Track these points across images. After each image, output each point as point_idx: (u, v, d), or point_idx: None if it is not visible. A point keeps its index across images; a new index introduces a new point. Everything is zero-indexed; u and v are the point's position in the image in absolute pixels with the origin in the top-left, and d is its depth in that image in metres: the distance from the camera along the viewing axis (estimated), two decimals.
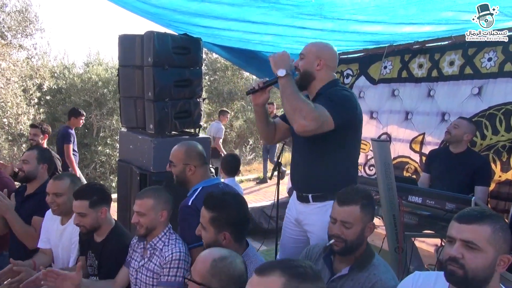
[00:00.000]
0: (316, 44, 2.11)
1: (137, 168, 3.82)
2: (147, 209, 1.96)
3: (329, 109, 1.86)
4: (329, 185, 2.07)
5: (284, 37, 3.74)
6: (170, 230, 2.06)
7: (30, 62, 6.68)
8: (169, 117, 3.76)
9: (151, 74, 3.63)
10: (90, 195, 2.14)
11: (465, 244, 1.24)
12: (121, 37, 4.05)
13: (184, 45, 3.79)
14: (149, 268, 1.97)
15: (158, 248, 1.98)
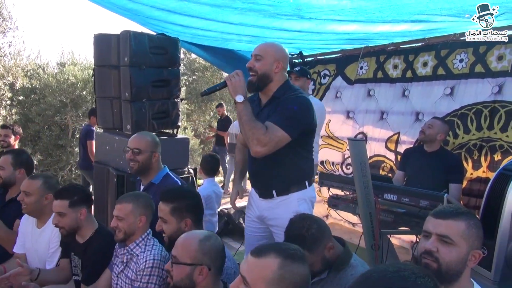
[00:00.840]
0: (272, 45, 2.13)
1: (114, 170, 3.77)
2: (126, 213, 1.95)
3: (283, 126, 1.94)
4: (291, 179, 2.16)
5: (262, 39, 3.75)
6: (148, 235, 2.04)
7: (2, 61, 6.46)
8: (146, 118, 3.72)
9: (128, 74, 3.58)
10: (70, 195, 2.14)
11: (440, 238, 1.29)
12: (97, 36, 3.98)
13: (161, 45, 3.76)
14: (128, 275, 1.97)
15: (135, 254, 1.97)
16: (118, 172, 3.70)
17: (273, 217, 2.20)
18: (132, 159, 2.40)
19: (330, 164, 4.32)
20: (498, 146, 3.11)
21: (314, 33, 3.31)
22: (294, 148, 2.07)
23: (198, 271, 1.44)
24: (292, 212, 2.04)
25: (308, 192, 2.22)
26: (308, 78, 3.28)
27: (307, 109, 2.05)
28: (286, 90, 2.09)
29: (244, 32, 3.50)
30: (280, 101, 2.05)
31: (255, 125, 1.94)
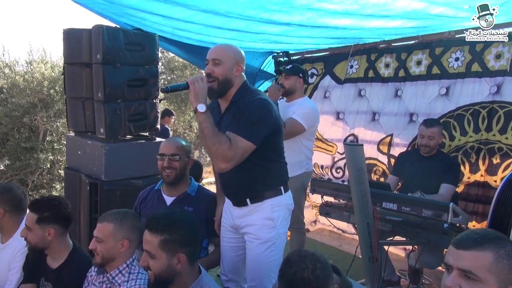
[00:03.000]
0: (230, 47, 1.98)
1: (87, 177, 3.46)
2: (106, 235, 1.70)
3: (245, 135, 1.80)
4: (264, 184, 2.01)
5: (247, 34, 3.49)
6: (133, 262, 1.78)
7: None
8: (122, 120, 3.43)
9: (101, 72, 3.27)
10: (42, 209, 1.90)
11: (463, 273, 1.07)
12: (66, 31, 3.64)
13: (137, 41, 3.47)
14: None
15: (117, 283, 1.72)
16: (91, 179, 3.39)
17: (245, 224, 2.02)
18: (169, 166, 2.15)
19: (319, 167, 4.11)
20: (497, 149, 2.96)
21: (304, 26, 3.07)
22: (262, 153, 1.91)
23: None
24: (265, 218, 1.97)
25: (283, 198, 2.05)
26: (300, 77, 3.05)
27: (267, 110, 1.88)
28: (243, 93, 1.94)
29: (229, 25, 3.23)
30: (238, 106, 1.91)
31: (219, 139, 1.77)
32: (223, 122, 1.95)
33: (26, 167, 7.45)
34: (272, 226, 1.93)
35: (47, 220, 1.89)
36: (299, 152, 2.99)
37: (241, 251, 2.13)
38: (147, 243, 1.52)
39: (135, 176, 3.47)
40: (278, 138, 2.02)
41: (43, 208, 1.91)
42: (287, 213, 2.06)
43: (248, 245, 2.02)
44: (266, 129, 1.86)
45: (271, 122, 1.89)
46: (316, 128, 3.11)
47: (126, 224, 1.74)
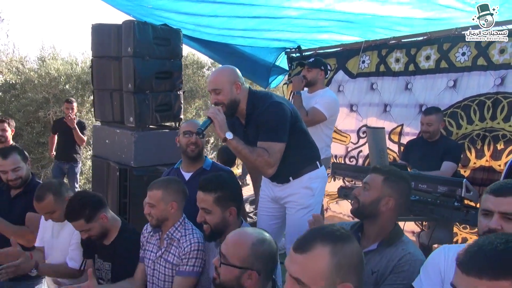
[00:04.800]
0: (221, 72, 2.19)
1: (116, 163, 3.66)
2: (156, 200, 1.92)
3: (275, 138, 2.07)
4: (302, 164, 2.25)
5: (269, 20, 3.69)
6: (184, 220, 2.01)
7: None
8: (149, 110, 3.63)
9: (131, 64, 3.49)
10: (81, 213, 2.02)
11: (504, 216, 1.28)
12: (95, 26, 3.86)
13: (164, 36, 3.68)
14: (168, 259, 1.94)
15: (175, 238, 1.95)
16: (120, 165, 3.60)
17: (287, 194, 2.27)
18: (195, 142, 2.37)
19: (333, 157, 4.35)
20: (501, 136, 3.21)
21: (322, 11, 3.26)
22: (292, 142, 2.15)
23: (247, 275, 1.36)
24: (305, 188, 2.22)
25: (320, 171, 2.32)
26: (322, 69, 3.28)
27: (281, 110, 2.11)
28: (254, 103, 2.16)
29: (252, 14, 3.44)
30: (255, 117, 2.14)
31: (257, 153, 2.04)
32: (249, 132, 2.20)
33: (39, 161, 7.63)
34: (311, 195, 2.18)
35: (93, 214, 2.03)
36: (319, 139, 3.21)
37: (278, 220, 2.40)
38: (203, 201, 1.78)
39: (160, 163, 3.67)
40: (300, 124, 2.26)
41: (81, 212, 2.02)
42: (323, 184, 2.33)
43: (289, 211, 2.28)
44: (288, 125, 2.11)
45: (289, 116, 2.12)
46: (336, 118, 3.33)
47: (172, 189, 1.96)
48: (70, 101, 5.19)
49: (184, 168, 2.47)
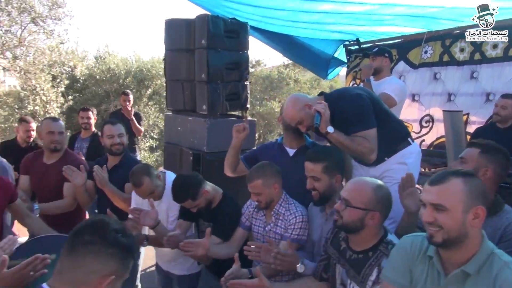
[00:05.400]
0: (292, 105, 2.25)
1: (188, 149, 3.91)
2: (260, 189, 2.10)
3: (366, 126, 2.15)
4: (394, 143, 2.32)
5: (333, 15, 3.82)
6: (286, 195, 2.20)
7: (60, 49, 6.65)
8: (220, 99, 3.85)
9: (205, 56, 3.72)
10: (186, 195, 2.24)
11: (434, 207, 1.26)
12: (168, 21, 4.13)
13: (234, 29, 3.89)
14: (277, 231, 2.16)
15: (281, 213, 2.15)
16: (193, 151, 3.85)
17: (383, 171, 2.34)
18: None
19: None
20: None
21: (387, 5, 3.34)
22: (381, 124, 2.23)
23: (370, 216, 1.55)
24: (399, 163, 2.27)
25: (413, 147, 2.37)
26: (386, 56, 3.37)
27: (361, 100, 2.20)
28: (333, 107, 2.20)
29: (315, 9, 3.58)
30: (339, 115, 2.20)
31: (357, 142, 2.13)
32: None
33: None
34: (406, 169, 2.26)
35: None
36: None
37: None
38: (312, 170, 1.99)
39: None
40: (381, 105, 2.34)
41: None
42: (417, 159, 2.38)
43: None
44: (372, 110, 2.20)
45: (369, 102, 2.21)
46: (402, 105, 3.41)
47: (269, 173, 2.13)
48: (127, 93, 5.44)
49: (287, 144, 2.57)
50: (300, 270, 1.87)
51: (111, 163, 2.89)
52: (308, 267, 1.91)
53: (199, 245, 2.03)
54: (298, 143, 2.53)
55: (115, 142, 2.79)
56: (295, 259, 1.87)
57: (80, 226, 1.12)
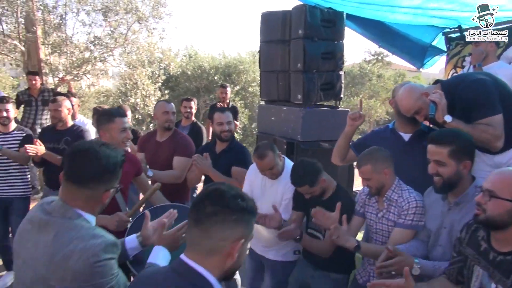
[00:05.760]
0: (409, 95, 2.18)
1: (282, 138, 3.99)
2: (369, 174, 2.06)
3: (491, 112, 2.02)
4: None
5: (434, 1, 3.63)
6: (399, 182, 2.12)
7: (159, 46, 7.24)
8: (316, 88, 3.87)
9: (302, 45, 3.76)
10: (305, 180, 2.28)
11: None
12: (264, 14, 4.25)
13: (330, 18, 3.88)
14: (389, 218, 2.11)
15: (394, 199, 2.09)
16: (287, 140, 3.92)
17: (509, 158, 2.18)
18: None
19: None
20: None
21: None
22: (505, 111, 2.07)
23: None
24: None
25: None
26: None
27: (483, 85, 2.05)
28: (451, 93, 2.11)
29: None
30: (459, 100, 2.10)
31: (480, 130, 2.00)
32: None
33: None
34: None
35: None
36: None
37: None
38: (436, 154, 1.81)
39: (322, 139, 3.88)
40: (506, 89, 2.16)
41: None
42: None
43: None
44: (496, 95, 2.05)
45: (493, 87, 2.06)
46: None
47: (379, 158, 2.07)
48: (225, 86, 5.70)
49: (401, 129, 2.49)
50: (415, 272, 1.72)
51: (219, 148, 3.08)
52: (425, 268, 1.78)
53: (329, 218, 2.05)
54: (412, 128, 2.44)
55: (224, 129, 2.97)
56: (408, 261, 1.74)
57: (200, 198, 1.13)
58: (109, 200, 1.46)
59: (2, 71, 10.33)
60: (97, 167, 1.37)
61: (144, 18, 6.01)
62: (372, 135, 2.70)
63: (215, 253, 1.08)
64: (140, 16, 5.91)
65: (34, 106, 5.50)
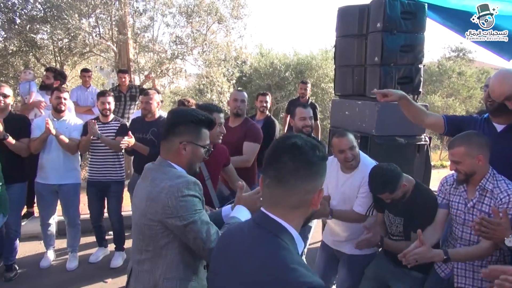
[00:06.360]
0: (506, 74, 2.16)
1: (356, 132, 3.98)
2: (460, 156, 1.99)
3: None
4: None
5: None
6: (493, 171, 2.04)
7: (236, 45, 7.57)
8: (393, 82, 3.81)
9: (380, 39, 3.72)
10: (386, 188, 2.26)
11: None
12: (341, 9, 4.26)
13: (411, 10, 3.79)
14: (482, 209, 2.03)
15: (488, 189, 2.01)
16: (361, 134, 3.91)
17: None
18: None
19: None
20: None
21: None
22: None
23: None
24: None
25: None
26: None
27: None
28: None
29: None
30: None
31: None
32: None
33: None
34: None
35: None
36: None
37: None
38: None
39: (398, 134, 3.80)
40: None
41: None
42: None
43: None
44: None
45: None
46: None
47: (475, 143, 1.99)
48: (305, 82, 5.80)
49: (494, 119, 2.41)
50: (509, 243, 1.68)
51: None
52: None
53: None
54: (507, 119, 2.33)
55: (307, 123, 3.16)
56: (507, 228, 1.70)
57: (277, 155, 1.10)
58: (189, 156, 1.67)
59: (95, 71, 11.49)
60: (169, 120, 1.69)
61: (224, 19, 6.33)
62: (468, 118, 2.60)
63: (299, 206, 1.09)
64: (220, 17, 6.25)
65: (123, 101, 6.06)
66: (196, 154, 1.68)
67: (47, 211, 4.02)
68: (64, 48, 7.04)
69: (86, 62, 8.60)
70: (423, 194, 2.31)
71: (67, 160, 3.88)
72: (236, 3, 6.40)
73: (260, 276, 1.00)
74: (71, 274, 3.93)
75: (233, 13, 6.42)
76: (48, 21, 5.94)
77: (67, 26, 5.58)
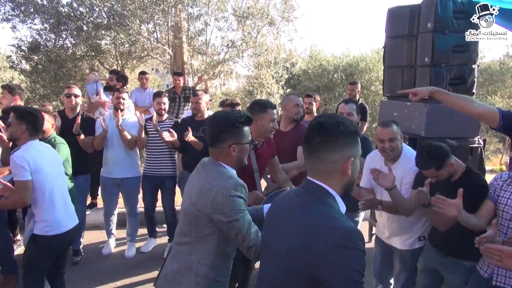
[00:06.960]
0: None
1: (405, 133, 3.94)
2: None
3: None
4: None
5: None
6: None
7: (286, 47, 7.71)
8: (443, 83, 3.73)
9: (430, 39, 3.66)
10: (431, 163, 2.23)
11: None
12: (391, 10, 4.23)
13: (464, 9, 3.69)
14: None
15: None
16: (410, 135, 3.87)
17: None
18: None
19: None
20: None
21: None
22: None
23: None
24: None
25: None
26: None
27: None
28: None
29: None
30: None
31: None
32: None
33: None
34: None
35: None
36: None
37: None
38: None
39: (448, 135, 3.71)
40: None
41: None
42: None
43: None
44: None
45: None
46: None
47: None
48: (353, 83, 5.78)
49: None
50: None
51: None
52: None
53: (451, 205, 2.00)
54: None
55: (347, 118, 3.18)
56: None
57: (309, 133, 1.31)
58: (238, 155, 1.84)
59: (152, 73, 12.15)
60: (214, 129, 1.84)
61: (275, 22, 6.47)
62: None
63: (332, 173, 1.29)
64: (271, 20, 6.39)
65: (177, 102, 6.38)
66: (243, 151, 1.86)
67: (110, 202, 4.38)
68: (124, 52, 7.56)
69: (143, 65, 9.15)
70: (472, 178, 2.25)
71: (128, 156, 4.22)
72: (288, 5, 6.52)
73: (308, 223, 1.21)
74: (129, 261, 4.26)
75: (284, 15, 6.53)
76: (112, 27, 6.44)
77: (128, 32, 6.01)
